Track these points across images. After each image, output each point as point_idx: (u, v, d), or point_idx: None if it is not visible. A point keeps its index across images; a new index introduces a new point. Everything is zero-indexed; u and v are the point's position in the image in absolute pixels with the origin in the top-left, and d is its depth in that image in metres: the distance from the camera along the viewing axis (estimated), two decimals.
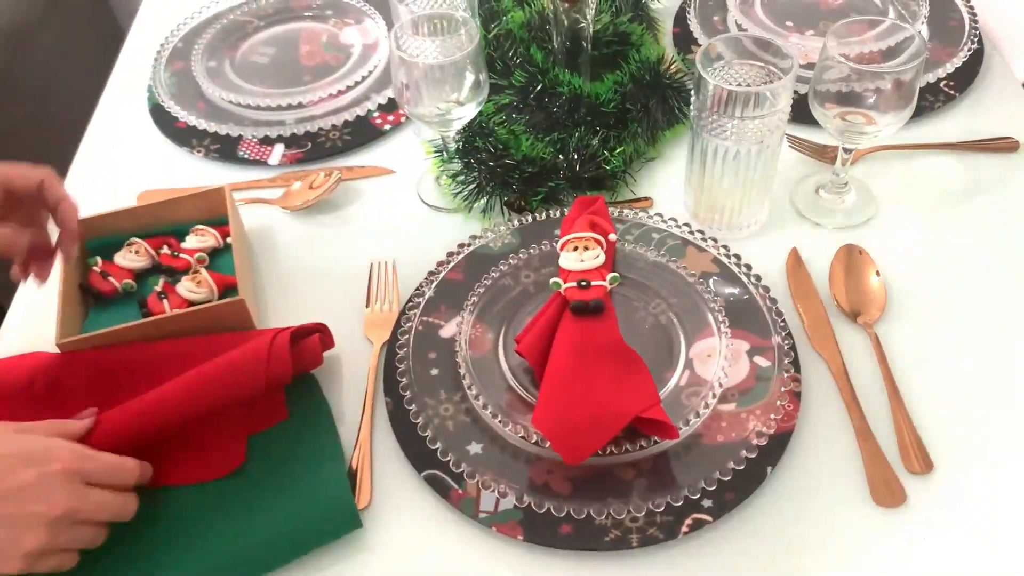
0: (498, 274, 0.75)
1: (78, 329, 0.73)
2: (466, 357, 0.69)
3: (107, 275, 0.76)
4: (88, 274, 0.76)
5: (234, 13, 1.05)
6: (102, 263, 0.77)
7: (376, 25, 1.01)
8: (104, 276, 0.75)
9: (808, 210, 0.81)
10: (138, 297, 0.75)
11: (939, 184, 0.84)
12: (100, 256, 0.77)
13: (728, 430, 0.65)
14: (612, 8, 0.93)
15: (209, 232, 0.78)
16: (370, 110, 0.92)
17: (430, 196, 0.86)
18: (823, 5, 1.01)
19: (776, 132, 0.72)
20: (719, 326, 0.69)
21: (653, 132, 0.86)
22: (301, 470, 0.64)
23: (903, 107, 0.72)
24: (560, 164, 0.82)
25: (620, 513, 0.60)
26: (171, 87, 0.96)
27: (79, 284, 0.76)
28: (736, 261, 0.74)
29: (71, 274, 0.74)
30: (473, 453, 0.64)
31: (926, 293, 0.74)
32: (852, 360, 0.70)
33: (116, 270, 0.76)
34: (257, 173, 0.88)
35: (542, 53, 0.86)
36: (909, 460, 0.64)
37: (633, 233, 0.77)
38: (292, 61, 0.99)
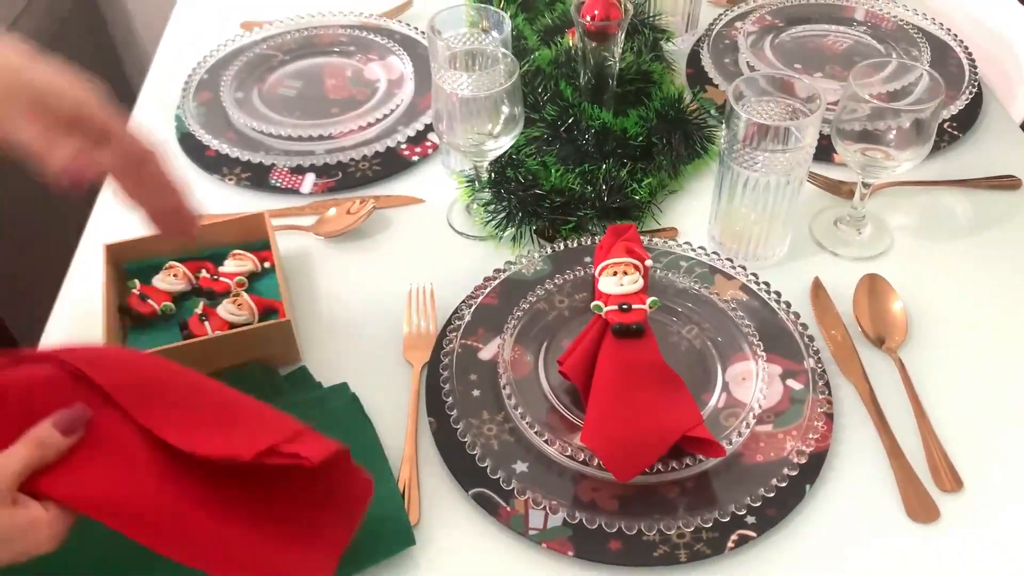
0: (534, 299, 0.77)
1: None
2: (509, 379, 0.70)
3: (146, 297, 0.76)
4: (127, 296, 0.77)
5: (259, 47, 1.07)
6: (141, 286, 0.77)
7: (401, 61, 1.04)
8: (143, 298, 0.76)
9: (827, 241, 0.85)
10: (177, 320, 0.76)
11: (949, 218, 0.88)
12: (139, 279, 0.78)
13: (767, 450, 0.67)
14: (633, 48, 0.96)
15: (248, 256, 0.79)
16: (399, 142, 0.95)
17: (460, 224, 0.88)
18: (828, 50, 1.06)
19: (802, 166, 0.76)
20: (754, 350, 0.72)
21: (676, 165, 0.89)
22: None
23: (922, 144, 0.76)
24: (588, 194, 0.84)
25: (669, 529, 0.62)
26: (199, 116, 0.98)
27: (119, 306, 0.76)
28: (765, 288, 0.77)
29: (111, 297, 0.75)
30: (519, 471, 0.66)
31: (944, 319, 0.78)
32: (878, 383, 0.73)
33: (155, 293, 0.77)
34: (289, 201, 0.90)
35: (571, 88, 0.90)
36: (940, 478, 0.66)
37: (662, 261, 0.80)
38: (319, 94, 1.01)
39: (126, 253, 0.79)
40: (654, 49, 0.99)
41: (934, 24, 1.07)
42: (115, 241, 0.79)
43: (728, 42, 1.06)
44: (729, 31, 1.08)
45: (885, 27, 1.08)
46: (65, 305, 0.82)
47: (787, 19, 1.09)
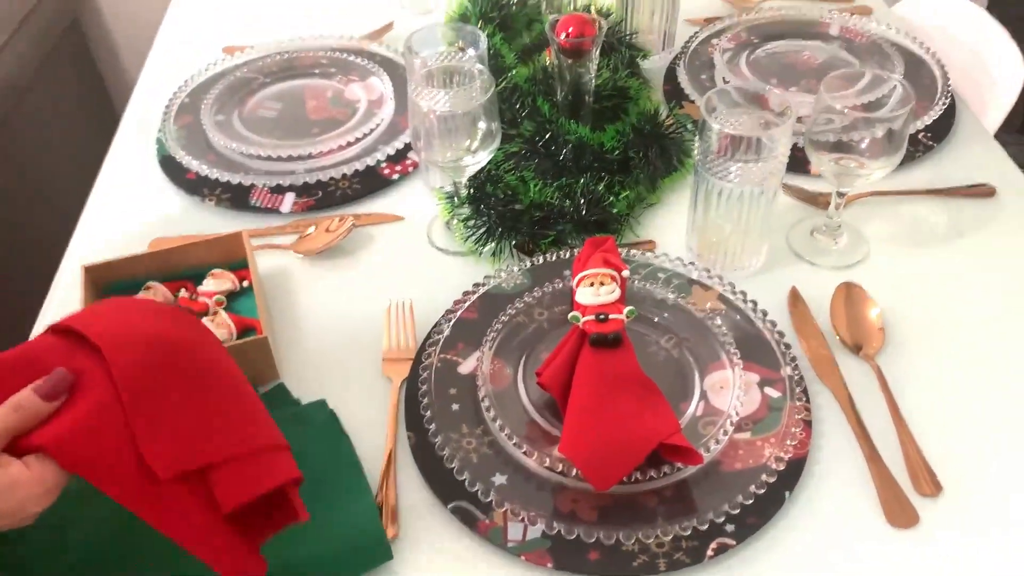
0: (513, 312, 0.77)
1: None
2: (488, 391, 0.70)
3: None
4: None
5: (240, 70, 1.08)
6: None
7: (381, 82, 1.05)
8: None
9: (804, 251, 0.85)
10: None
11: (924, 227, 0.88)
12: None
13: (745, 457, 0.67)
14: (610, 65, 0.98)
15: (226, 276, 0.80)
16: (379, 160, 0.95)
17: (440, 240, 0.88)
18: (803, 65, 1.08)
19: (776, 176, 0.76)
20: (731, 359, 0.72)
21: (653, 179, 0.90)
22: (330, 503, 0.65)
23: (894, 152, 0.77)
24: (567, 208, 0.85)
25: (648, 538, 0.62)
26: (180, 139, 0.98)
27: None
28: (742, 298, 0.77)
29: None
30: (498, 484, 0.66)
31: (921, 326, 0.78)
32: (856, 390, 0.73)
33: None
34: (269, 221, 0.90)
35: (548, 104, 0.91)
36: (919, 483, 0.66)
37: (640, 272, 0.80)
38: (299, 115, 1.02)
39: (105, 274, 0.79)
40: (631, 66, 1.00)
41: (907, 38, 1.08)
42: (94, 263, 0.79)
43: (704, 59, 1.08)
44: (705, 48, 1.09)
45: (859, 42, 1.09)
46: (44, 325, 0.82)
47: (763, 35, 1.11)
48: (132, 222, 0.92)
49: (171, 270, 0.81)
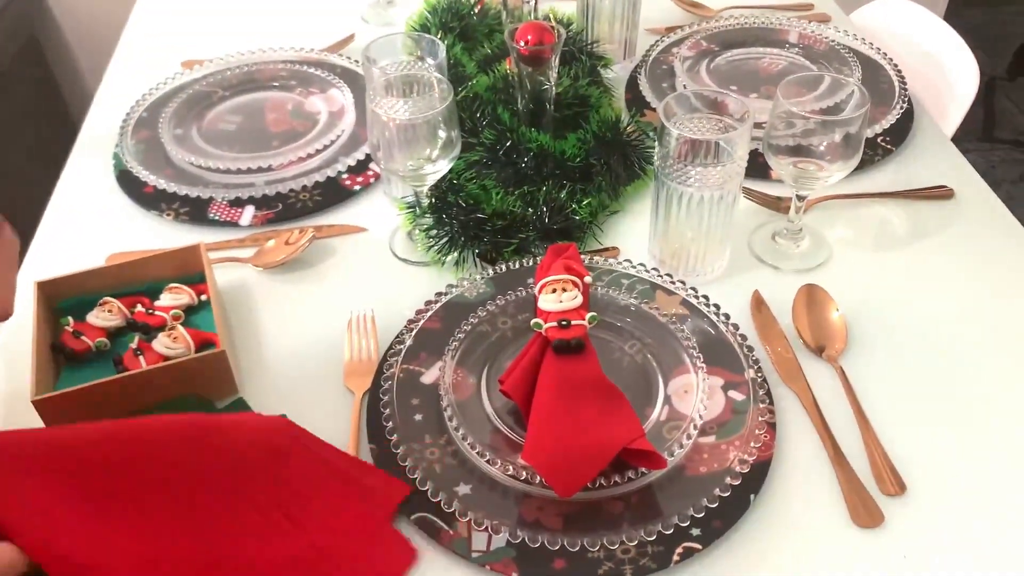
0: (476, 320, 0.76)
1: (52, 388, 0.71)
2: (451, 401, 0.69)
3: (79, 334, 0.75)
4: (60, 334, 0.75)
5: (199, 84, 1.07)
6: (74, 323, 0.76)
7: (342, 94, 1.04)
8: (76, 335, 0.75)
9: (766, 255, 0.85)
10: (113, 355, 0.74)
11: (885, 229, 0.89)
12: (72, 316, 0.76)
13: (710, 461, 0.66)
14: (571, 73, 0.98)
15: (184, 290, 0.78)
16: (340, 171, 0.94)
17: (403, 250, 0.87)
18: (763, 72, 1.08)
19: (735, 179, 0.76)
20: (695, 363, 0.72)
21: (615, 187, 0.90)
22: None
23: (851, 156, 0.77)
24: (529, 217, 0.85)
25: (613, 544, 0.61)
26: (138, 154, 0.97)
27: (51, 344, 0.74)
28: (705, 302, 0.77)
29: (42, 334, 0.73)
30: (462, 494, 0.65)
31: (883, 327, 0.78)
32: (820, 392, 0.73)
33: (89, 329, 0.75)
34: (228, 234, 0.89)
35: (508, 113, 0.90)
36: (883, 483, 0.66)
37: (604, 279, 0.80)
38: (259, 128, 1.01)
39: (59, 290, 0.78)
40: (592, 75, 1.00)
41: (864, 44, 1.10)
42: (46, 278, 0.77)
43: (665, 67, 1.08)
44: (666, 56, 1.10)
45: (818, 48, 1.10)
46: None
47: (722, 43, 1.12)
48: (88, 238, 0.90)
49: (127, 285, 0.79)
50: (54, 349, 0.75)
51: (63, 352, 0.75)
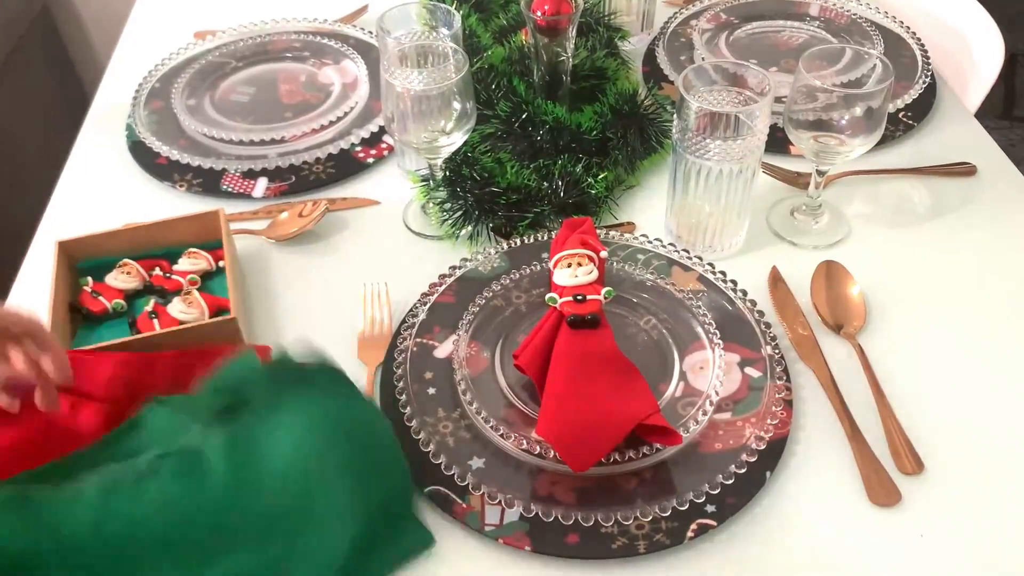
0: (490, 295, 0.76)
1: (68, 347, 0.72)
2: (465, 375, 0.69)
3: (98, 295, 0.75)
4: (79, 294, 0.76)
5: (211, 55, 1.06)
6: (93, 283, 0.76)
7: (355, 65, 1.03)
8: (95, 296, 0.75)
9: (785, 231, 0.84)
10: (128, 317, 0.75)
11: (905, 205, 0.88)
12: (91, 277, 0.77)
13: (725, 438, 0.66)
14: (588, 45, 0.96)
15: (202, 255, 0.78)
16: (353, 144, 0.94)
17: (416, 224, 0.87)
18: (783, 46, 1.07)
19: (755, 153, 0.75)
20: (711, 339, 0.71)
21: (632, 161, 0.89)
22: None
23: (872, 130, 0.76)
24: (544, 191, 0.84)
25: (627, 520, 0.61)
26: (151, 125, 0.96)
27: (69, 303, 0.75)
28: (722, 277, 0.76)
29: (61, 293, 0.74)
30: (476, 468, 0.64)
31: (902, 305, 0.77)
32: (837, 369, 0.72)
33: (107, 290, 0.76)
34: (241, 206, 0.89)
35: (524, 85, 0.89)
36: (901, 461, 0.66)
37: (619, 254, 0.79)
38: (272, 99, 1.00)
39: (79, 250, 0.78)
40: (609, 47, 0.99)
41: (887, 18, 1.08)
42: (68, 238, 0.77)
43: (683, 40, 1.07)
44: (684, 29, 1.08)
45: (839, 22, 1.08)
46: (14, 302, 0.80)
47: (742, 16, 1.10)
48: (102, 208, 0.90)
49: (146, 248, 0.80)
50: (72, 308, 0.75)
51: (80, 311, 0.75)
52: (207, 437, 0.58)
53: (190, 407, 0.63)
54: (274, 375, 0.63)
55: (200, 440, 0.58)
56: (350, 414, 0.61)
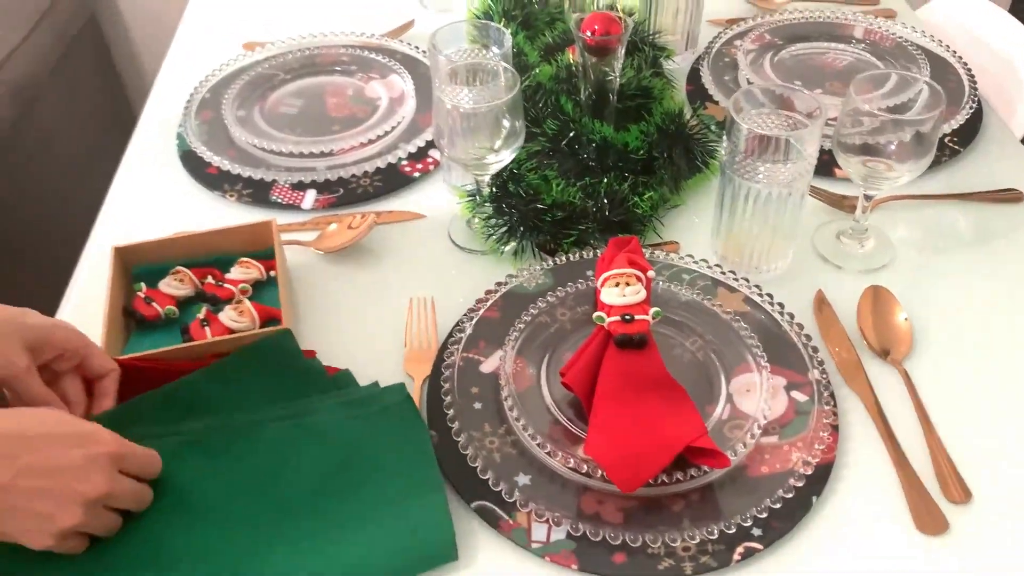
0: (536, 311, 0.76)
1: (120, 351, 0.73)
2: (512, 391, 0.70)
3: (151, 301, 0.77)
4: (132, 299, 0.77)
5: (261, 66, 1.07)
6: (146, 289, 0.78)
7: (401, 80, 1.05)
8: (148, 301, 0.77)
9: (830, 254, 0.84)
10: (180, 324, 0.76)
11: (951, 231, 0.87)
12: (145, 282, 0.79)
13: (772, 461, 0.66)
14: (633, 64, 0.97)
15: (254, 265, 0.80)
16: (400, 158, 0.95)
17: (461, 238, 0.88)
18: (828, 67, 1.07)
19: (804, 178, 0.75)
20: (758, 362, 0.71)
21: (677, 180, 0.89)
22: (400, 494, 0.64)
23: (923, 156, 0.76)
24: (590, 208, 0.84)
25: (675, 541, 0.61)
26: (202, 135, 0.98)
27: (123, 308, 0.77)
28: (769, 300, 0.76)
29: (116, 298, 0.76)
30: (522, 484, 0.65)
31: (948, 331, 0.77)
32: (883, 395, 0.72)
33: (160, 296, 0.78)
34: (290, 217, 0.90)
35: (571, 103, 0.90)
36: (948, 490, 0.65)
37: (665, 274, 0.80)
38: (320, 112, 1.02)
39: (135, 256, 0.80)
40: (654, 66, 0.99)
41: (933, 41, 1.07)
42: (124, 244, 0.79)
43: (728, 60, 1.07)
44: (728, 49, 1.08)
45: (884, 45, 1.08)
46: (69, 306, 0.83)
47: (786, 37, 1.10)
48: (153, 215, 0.92)
49: (200, 255, 0.81)
50: (126, 313, 0.77)
51: (134, 317, 0.77)
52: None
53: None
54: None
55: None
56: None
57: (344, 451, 0.67)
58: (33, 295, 0.76)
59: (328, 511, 0.64)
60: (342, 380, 0.74)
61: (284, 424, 0.68)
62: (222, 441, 0.67)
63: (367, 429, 0.68)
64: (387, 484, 0.65)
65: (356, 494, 0.65)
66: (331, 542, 0.62)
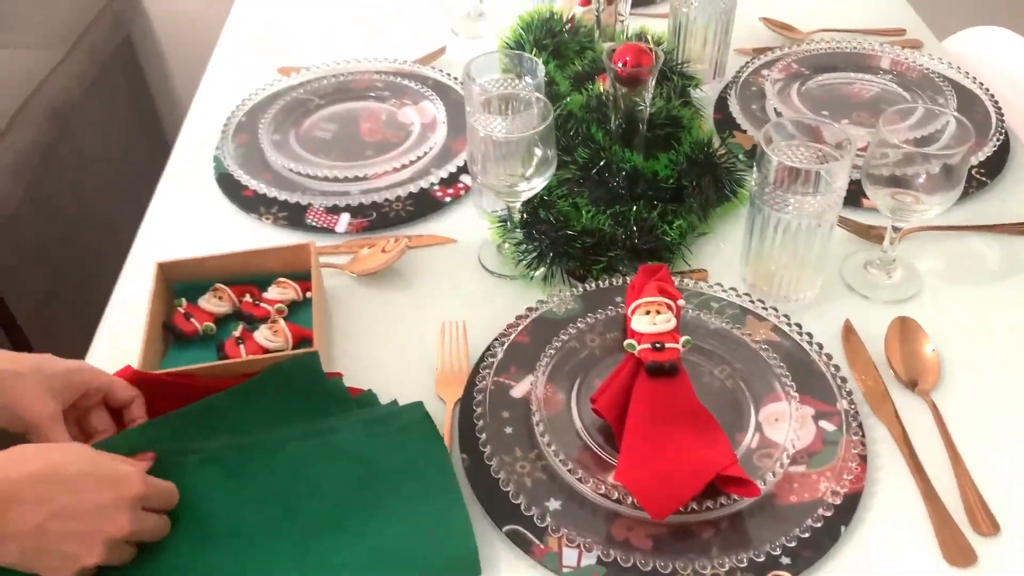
0: (566, 337, 0.78)
1: (158, 365, 0.76)
2: (543, 416, 0.71)
3: (190, 316, 0.79)
4: (172, 314, 0.80)
5: (296, 91, 1.10)
6: (186, 305, 0.80)
7: (433, 106, 1.07)
8: (187, 317, 0.79)
9: (857, 284, 0.85)
10: (216, 340, 0.78)
11: (978, 263, 0.88)
12: (185, 298, 0.81)
13: (800, 490, 0.67)
14: (662, 93, 0.98)
15: (290, 285, 0.81)
16: (432, 183, 0.97)
17: (491, 263, 0.89)
18: (855, 97, 1.08)
19: (833, 209, 0.76)
20: (787, 391, 0.72)
21: (705, 208, 0.90)
22: (421, 511, 0.65)
23: (951, 189, 0.77)
24: (619, 236, 0.85)
25: (704, 568, 0.62)
26: (238, 157, 1.00)
27: (163, 322, 0.79)
28: (797, 329, 0.77)
29: (156, 313, 0.78)
30: (553, 509, 0.66)
31: (976, 363, 0.78)
32: (911, 426, 0.73)
33: (199, 313, 0.80)
34: (324, 240, 0.92)
35: (602, 132, 0.91)
36: (976, 522, 0.66)
37: (693, 301, 0.81)
38: (354, 137, 1.04)
39: (176, 272, 0.82)
40: (682, 95, 1.01)
41: (959, 72, 1.08)
42: (167, 260, 0.81)
43: (755, 89, 1.08)
44: (756, 78, 1.10)
45: (911, 75, 1.09)
46: (109, 319, 0.85)
47: (813, 67, 1.11)
48: (190, 235, 0.94)
49: (240, 274, 0.83)
50: (165, 328, 0.79)
51: (172, 332, 0.79)
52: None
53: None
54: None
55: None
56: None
57: (364, 469, 0.68)
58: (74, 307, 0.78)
59: (349, 528, 0.65)
60: (364, 400, 0.75)
61: (304, 442, 0.70)
62: (242, 458, 0.68)
63: (387, 447, 0.70)
64: (408, 501, 0.66)
65: (377, 511, 0.66)
66: (352, 559, 0.63)
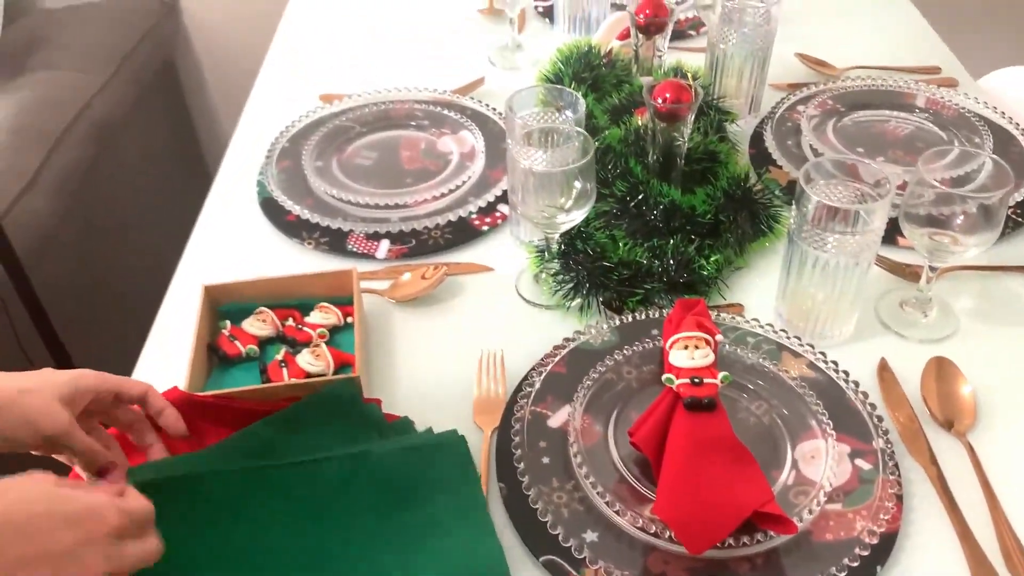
0: (603, 369, 0.79)
1: (202, 386, 0.77)
2: (580, 447, 0.71)
3: (234, 339, 0.81)
4: (218, 336, 0.81)
5: (338, 119, 1.12)
6: (231, 327, 0.82)
7: (472, 136, 1.09)
8: (232, 339, 0.81)
9: (893, 322, 0.85)
10: (260, 363, 0.80)
11: (1014, 303, 0.88)
12: (230, 320, 0.83)
13: (836, 528, 0.67)
14: (700, 128, 1.00)
15: (332, 310, 0.83)
16: (471, 212, 0.98)
17: (528, 292, 0.90)
18: (890, 135, 1.09)
19: (871, 248, 0.77)
20: (823, 428, 0.72)
21: (742, 243, 0.91)
22: (452, 540, 0.66)
23: (990, 230, 0.77)
24: (655, 268, 0.87)
25: None
26: (281, 183, 1.02)
27: (208, 344, 0.80)
28: (834, 367, 0.78)
29: (202, 334, 0.79)
30: (590, 541, 0.67)
31: (1013, 404, 0.78)
32: (947, 467, 0.73)
33: (243, 335, 0.81)
34: (365, 266, 0.93)
35: (640, 166, 0.93)
36: (1013, 565, 0.66)
37: (730, 336, 0.81)
38: (394, 164, 1.06)
39: (222, 295, 0.84)
40: (719, 130, 1.02)
41: (995, 112, 1.09)
42: (213, 283, 0.83)
43: (790, 124, 1.09)
44: (791, 114, 1.11)
45: (946, 114, 1.10)
46: (154, 340, 0.87)
47: (849, 104, 1.12)
48: (234, 259, 0.96)
49: (283, 297, 0.85)
50: (210, 349, 0.81)
51: (217, 353, 0.81)
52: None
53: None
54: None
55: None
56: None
57: (397, 495, 0.70)
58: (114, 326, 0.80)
59: (381, 553, 0.66)
60: (400, 427, 0.76)
61: (339, 465, 0.71)
62: (277, 480, 0.70)
63: (421, 474, 0.71)
64: (440, 527, 0.67)
65: (409, 537, 0.67)
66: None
